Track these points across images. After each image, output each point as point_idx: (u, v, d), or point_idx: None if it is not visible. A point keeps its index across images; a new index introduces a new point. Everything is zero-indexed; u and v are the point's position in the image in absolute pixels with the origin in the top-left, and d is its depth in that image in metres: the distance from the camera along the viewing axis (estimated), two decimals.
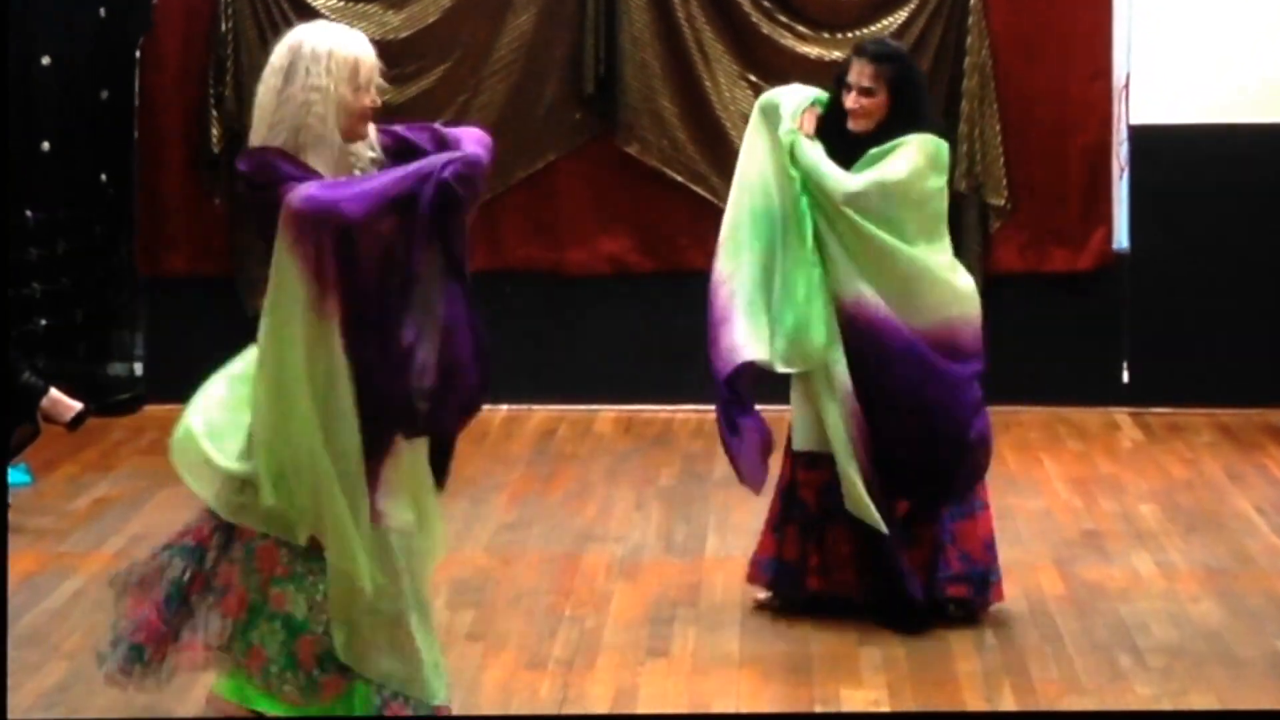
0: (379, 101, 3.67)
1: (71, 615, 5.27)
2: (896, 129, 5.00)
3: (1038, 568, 5.69)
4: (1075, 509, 6.40)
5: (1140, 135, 7.87)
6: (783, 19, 7.77)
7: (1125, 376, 7.92)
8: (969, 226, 7.84)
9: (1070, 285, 7.93)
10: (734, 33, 7.83)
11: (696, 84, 7.81)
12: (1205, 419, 7.70)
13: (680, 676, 4.79)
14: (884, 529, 4.97)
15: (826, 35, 7.83)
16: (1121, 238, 7.97)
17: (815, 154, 4.98)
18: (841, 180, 4.96)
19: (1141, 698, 4.61)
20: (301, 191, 3.50)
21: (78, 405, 6.36)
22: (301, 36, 3.65)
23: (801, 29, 7.79)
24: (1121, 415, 7.81)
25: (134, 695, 4.58)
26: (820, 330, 4.96)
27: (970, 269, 7.90)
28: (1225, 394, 7.81)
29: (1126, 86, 7.90)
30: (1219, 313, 7.85)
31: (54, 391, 6.32)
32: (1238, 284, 7.86)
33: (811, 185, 4.99)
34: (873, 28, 7.79)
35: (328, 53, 3.60)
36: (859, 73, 5.01)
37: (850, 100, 5.02)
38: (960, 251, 7.88)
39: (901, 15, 7.79)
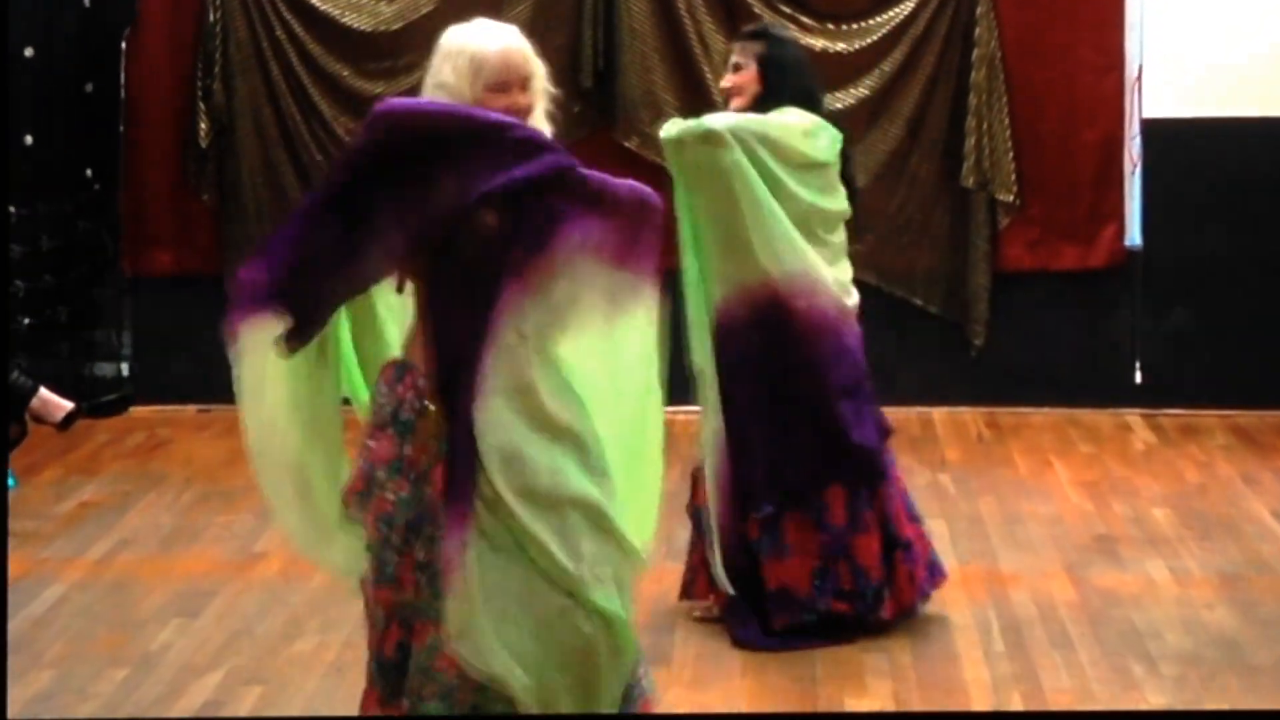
0: (523, 104, 3.56)
1: (55, 622, 5.27)
2: (770, 104, 5.05)
3: (1048, 573, 5.70)
4: (1086, 513, 6.41)
5: (1153, 129, 7.88)
6: (786, 10, 7.77)
7: (1138, 377, 7.93)
8: (977, 223, 7.86)
9: (1081, 283, 7.94)
10: (736, 24, 7.81)
11: (698, 77, 7.81)
12: (1220, 421, 7.70)
13: (681, 685, 4.79)
14: (725, 585, 4.97)
15: (831, 27, 7.84)
16: (1134, 234, 7.98)
17: (680, 121, 5.09)
18: (698, 120, 5.03)
19: (1155, 706, 4.62)
20: None
21: (68, 405, 6.37)
22: (450, 31, 3.64)
23: (805, 20, 7.79)
24: (1134, 417, 7.82)
25: (120, 703, 4.62)
26: (696, 349, 5.02)
27: (978, 267, 8.02)
28: (1241, 395, 7.81)
29: (1139, 79, 7.90)
30: (1234, 312, 7.86)
31: (44, 391, 6.33)
32: (1254, 282, 7.87)
33: (672, 149, 5.04)
34: (877, 19, 7.80)
35: (459, 49, 3.56)
36: (730, 52, 5.22)
37: (725, 81, 5.19)
38: (968, 249, 7.94)
39: (908, 6, 7.79)
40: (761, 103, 5.05)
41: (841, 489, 5.04)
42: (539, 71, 3.61)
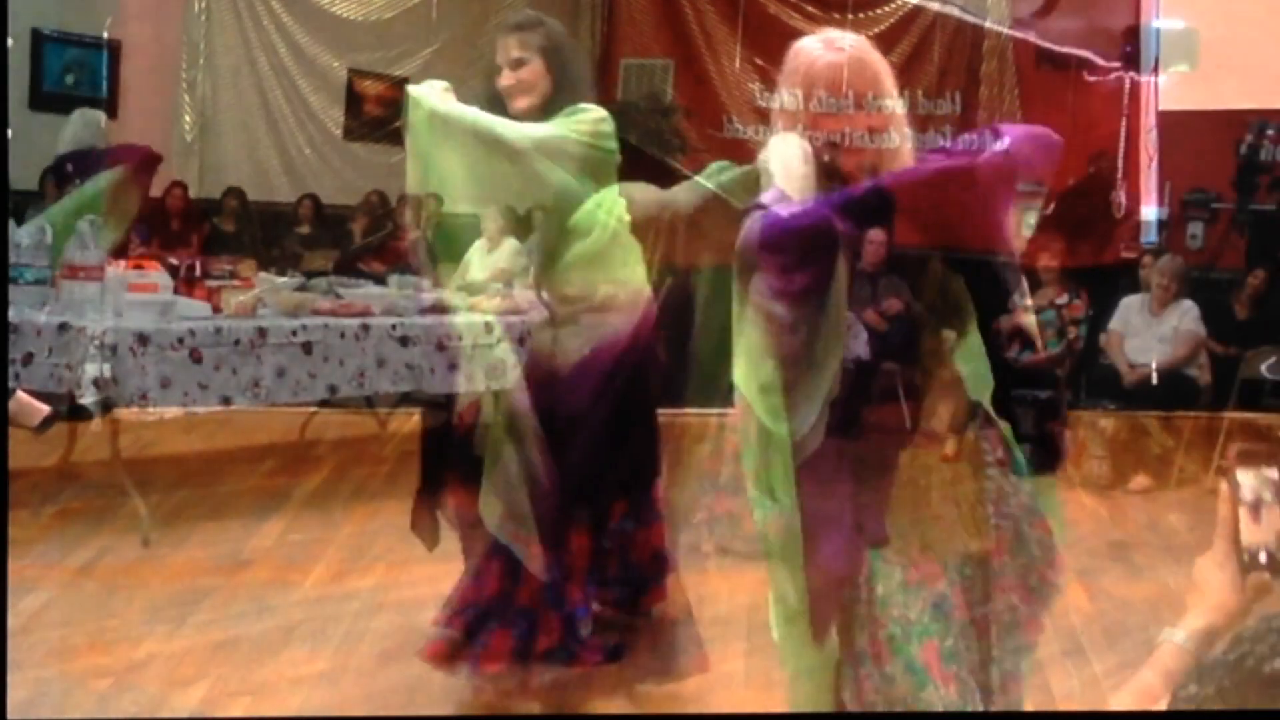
0: (861, 125, 3.25)
1: (35, 631, 5.27)
2: (564, 101, 4.56)
3: None
4: (1101, 519, 6.42)
5: (1169, 122, 7.89)
6: None
7: (1154, 378, 7.94)
8: None
9: (1094, 281, 7.95)
10: (738, 14, 7.85)
11: (699, 68, 7.83)
12: (1239, 423, 7.70)
13: (683, 696, 4.80)
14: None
15: (837, 16, 7.84)
16: (1150, 231, 7.98)
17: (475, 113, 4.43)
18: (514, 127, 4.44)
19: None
20: None
21: (46, 408, 6.38)
22: (802, 40, 3.41)
23: (810, 9, 7.81)
24: (1150, 420, 7.82)
25: (103, 714, 4.62)
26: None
27: (987, 264, 8.02)
28: (1260, 397, 7.82)
29: (1155, 71, 7.91)
30: (1252, 310, 7.87)
31: (20, 394, 6.34)
32: (1270, 280, 7.87)
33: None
34: (885, 8, 7.82)
35: (794, 66, 3.33)
36: (504, 48, 4.63)
37: (505, 79, 4.60)
38: None
39: None
40: (553, 101, 4.57)
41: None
42: (889, 89, 3.30)
